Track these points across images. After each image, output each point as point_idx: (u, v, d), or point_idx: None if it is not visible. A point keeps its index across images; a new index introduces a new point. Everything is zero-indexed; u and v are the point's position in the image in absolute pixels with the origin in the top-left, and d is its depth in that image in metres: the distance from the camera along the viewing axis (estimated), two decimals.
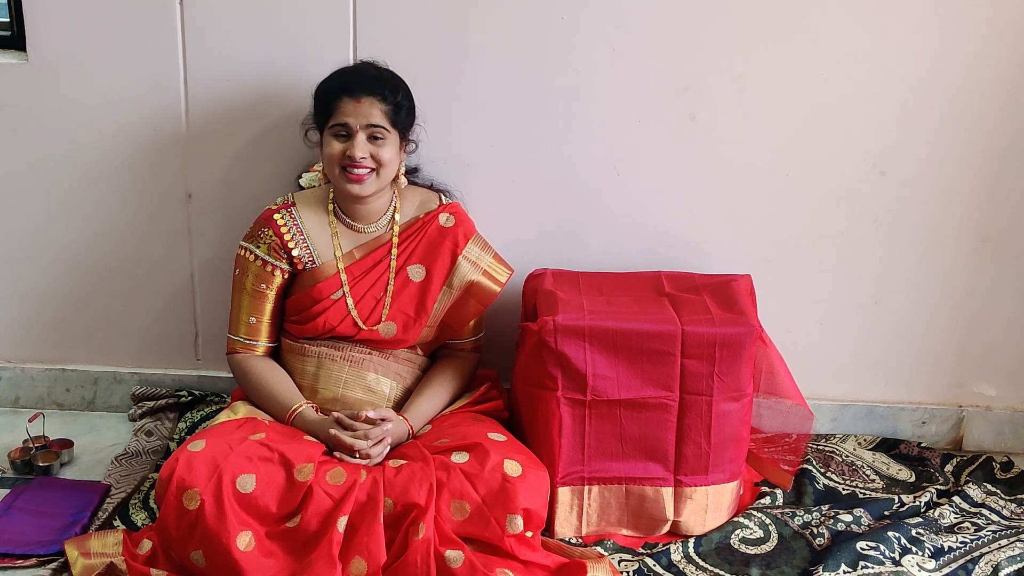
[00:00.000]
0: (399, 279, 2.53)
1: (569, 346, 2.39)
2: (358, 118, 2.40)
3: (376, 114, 2.41)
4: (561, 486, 2.45)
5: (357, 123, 2.40)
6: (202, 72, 2.70)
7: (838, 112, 2.72)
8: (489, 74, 2.69)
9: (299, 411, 2.45)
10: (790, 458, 2.67)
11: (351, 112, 2.41)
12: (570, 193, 2.78)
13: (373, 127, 2.41)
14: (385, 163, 2.43)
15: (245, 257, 2.52)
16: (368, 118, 2.41)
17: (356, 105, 2.41)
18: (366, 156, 2.41)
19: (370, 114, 2.41)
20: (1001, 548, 2.46)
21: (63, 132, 2.76)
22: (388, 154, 2.43)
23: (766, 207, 2.79)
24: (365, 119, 2.41)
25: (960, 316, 2.89)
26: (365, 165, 2.41)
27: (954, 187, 2.78)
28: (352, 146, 2.40)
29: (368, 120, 2.41)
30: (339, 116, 2.41)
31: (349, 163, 2.41)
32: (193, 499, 2.16)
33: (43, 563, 2.30)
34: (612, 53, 2.67)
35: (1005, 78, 2.69)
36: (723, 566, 2.39)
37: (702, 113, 2.72)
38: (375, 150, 2.42)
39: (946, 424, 2.96)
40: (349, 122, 2.40)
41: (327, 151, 2.44)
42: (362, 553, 2.16)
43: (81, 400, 2.99)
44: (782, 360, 2.57)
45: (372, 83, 2.43)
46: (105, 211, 2.82)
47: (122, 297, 2.90)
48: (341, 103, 2.41)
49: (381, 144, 2.43)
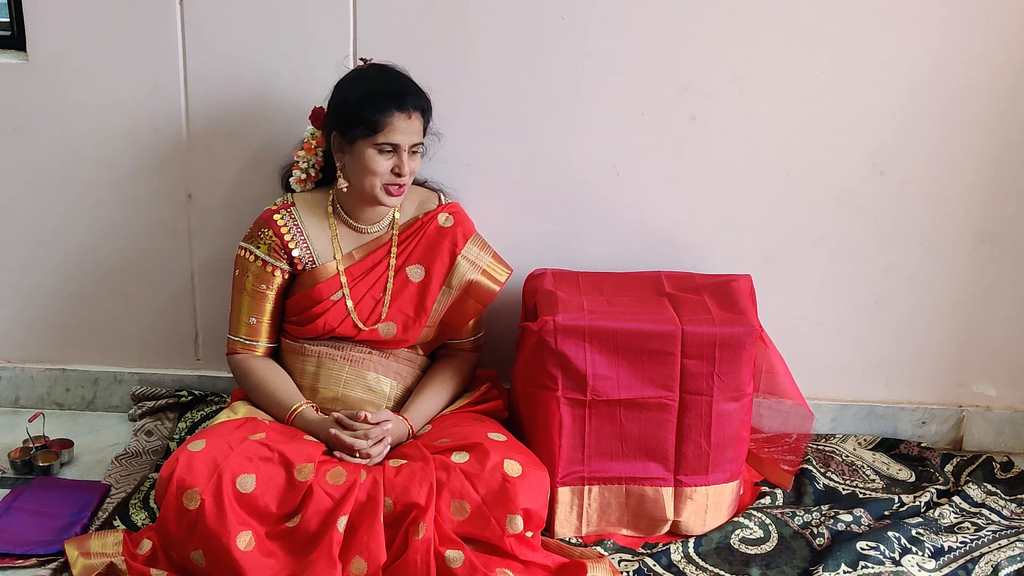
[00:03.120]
0: (398, 279, 2.53)
1: (569, 346, 2.39)
2: (408, 135, 2.39)
3: (420, 129, 2.42)
4: (561, 486, 2.45)
5: (407, 141, 2.39)
6: (202, 72, 2.70)
7: (838, 112, 2.72)
8: (489, 74, 2.69)
9: (299, 411, 2.45)
10: (790, 458, 2.67)
11: (404, 129, 2.38)
12: (570, 193, 2.78)
13: (417, 144, 2.42)
14: (415, 173, 2.45)
15: (245, 257, 2.52)
16: (416, 136, 2.41)
17: (407, 121, 2.38)
18: (409, 171, 2.41)
19: (417, 131, 2.41)
20: (1001, 548, 2.46)
21: (63, 132, 2.76)
22: (417, 164, 2.45)
23: (766, 207, 2.79)
24: (415, 137, 2.40)
25: (960, 316, 2.89)
26: (406, 181, 2.42)
27: (954, 187, 2.78)
28: (400, 164, 2.39)
29: (416, 139, 2.41)
30: (391, 133, 2.37)
31: (395, 180, 2.40)
32: (193, 499, 2.16)
33: (43, 563, 2.30)
34: (612, 53, 2.67)
35: (1005, 78, 2.69)
36: (723, 566, 2.39)
37: (702, 113, 2.72)
38: (413, 164, 2.42)
39: (946, 424, 2.96)
40: (400, 141, 2.37)
41: (368, 165, 2.39)
42: (362, 553, 2.16)
43: (81, 400, 2.99)
44: (782, 360, 2.57)
45: (417, 97, 2.42)
46: (105, 211, 2.82)
47: (122, 297, 2.90)
48: (393, 119, 2.36)
49: (416, 158, 2.44)
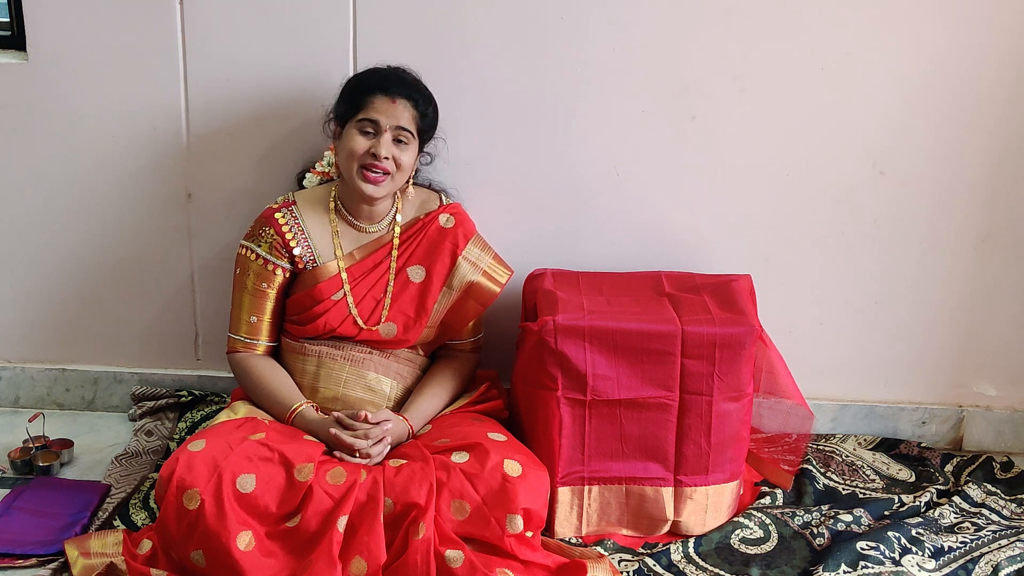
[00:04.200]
0: (399, 280, 2.53)
1: (569, 346, 2.39)
2: (389, 117, 2.41)
3: (407, 117, 2.43)
4: (561, 486, 2.45)
5: (388, 122, 2.41)
6: (202, 72, 2.70)
7: (838, 112, 2.72)
8: (489, 74, 2.69)
9: (299, 411, 2.45)
10: (790, 458, 2.67)
11: (384, 110, 2.41)
12: (570, 193, 2.78)
13: (401, 129, 2.42)
14: (403, 167, 2.44)
15: (246, 256, 2.52)
16: (399, 120, 2.42)
17: (391, 104, 2.41)
18: (389, 157, 2.41)
19: (401, 116, 2.42)
20: (1001, 548, 2.46)
21: (63, 132, 2.76)
22: (407, 159, 2.45)
23: (766, 207, 2.79)
24: (396, 120, 2.41)
25: (960, 316, 2.89)
26: (384, 167, 2.41)
27: (954, 187, 2.78)
28: (378, 144, 2.41)
29: (398, 122, 2.42)
30: (370, 111, 2.41)
31: (370, 162, 2.41)
32: (193, 499, 2.16)
33: (43, 563, 2.30)
34: (612, 53, 2.67)
35: (1005, 78, 2.69)
36: (723, 566, 2.39)
37: (702, 113, 2.72)
38: (397, 152, 2.43)
39: (946, 424, 2.96)
40: (380, 120, 2.40)
41: (349, 145, 2.43)
42: (362, 553, 2.15)
43: (81, 400, 2.98)
44: (782, 360, 2.57)
45: (409, 87, 2.45)
46: (105, 211, 2.82)
47: (122, 297, 2.90)
48: (375, 99, 2.41)
49: (403, 148, 2.44)
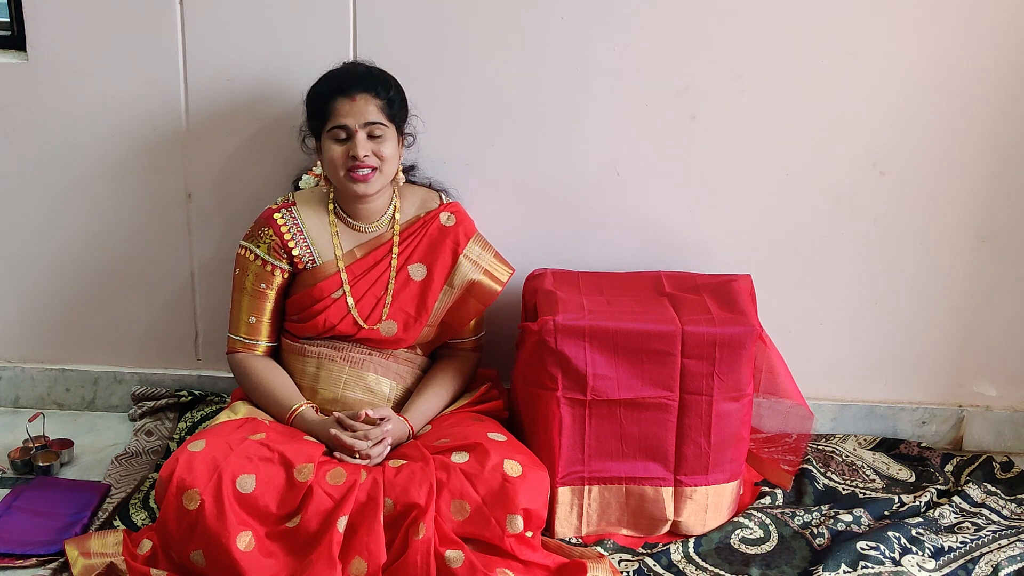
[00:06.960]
0: (400, 278, 2.53)
1: (569, 346, 2.39)
2: (356, 117, 2.40)
3: (372, 110, 2.41)
4: (561, 486, 2.45)
5: (356, 122, 2.40)
6: (202, 72, 2.70)
7: (838, 112, 2.72)
8: (489, 74, 2.69)
9: (299, 411, 2.45)
10: (790, 458, 2.67)
11: (347, 112, 2.40)
12: (570, 193, 2.78)
13: (372, 124, 2.41)
14: (387, 159, 2.43)
15: (245, 257, 2.52)
16: (365, 115, 2.40)
17: (351, 104, 2.40)
18: (368, 154, 2.40)
19: (366, 111, 2.41)
20: (1001, 548, 2.46)
21: (63, 132, 2.76)
22: (389, 150, 2.44)
23: (766, 207, 2.79)
24: (363, 117, 2.40)
25: (960, 316, 2.89)
26: (368, 164, 2.41)
27: (954, 187, 2.78)
28: (354, 146, 2.40)
29: (366, 118, 2.40)
30: (336, 118, 2.41)
31: (353, 164, 2.41)
32: (193, 499, 2.16)
33: (43, 563, 2.30)
34: (612, 53, 2.67)
35: (1004, 78, 2.69)
36: (723, 566, 2.39)
37: (702, 113, 2.72)
38: (376, 147, 2.42)
39: (946, 424, 2.96)
40: (348, 123, 2.40)
41: (328, 156, 2.43)
42: (362, 553, 2.15)
43: (81, 400, 2.98)
44: (782, 360, 2.57)
45: (364, 80, 2.43)
46: (105, 211, 2.82)
47: (122, 297, 2.90)
48: (336, 104, 2.41)
49: (381, 141, 2.43)
